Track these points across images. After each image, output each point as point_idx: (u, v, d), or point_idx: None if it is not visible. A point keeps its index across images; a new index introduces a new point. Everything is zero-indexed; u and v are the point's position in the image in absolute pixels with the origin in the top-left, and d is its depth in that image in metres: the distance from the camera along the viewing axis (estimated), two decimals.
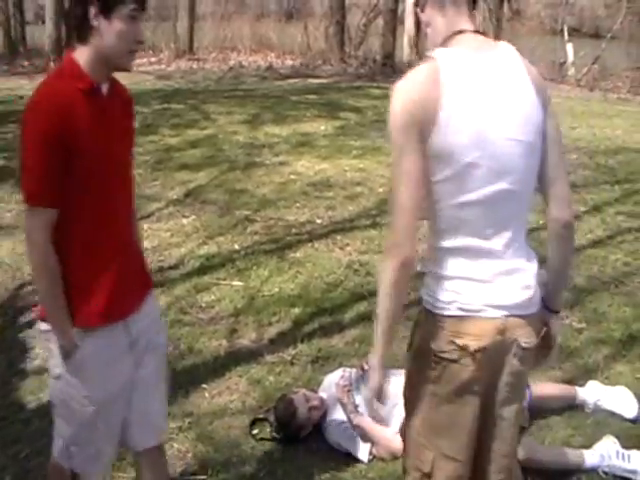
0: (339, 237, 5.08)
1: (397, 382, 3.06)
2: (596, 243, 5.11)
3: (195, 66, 15.39)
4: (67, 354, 1.99)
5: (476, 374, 1.71)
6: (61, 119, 1.84)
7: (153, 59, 16.03)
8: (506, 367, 1.76)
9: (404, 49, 15.98)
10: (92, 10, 1.85)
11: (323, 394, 3.11)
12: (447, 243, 1.71)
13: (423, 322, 1.80)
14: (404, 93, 1.64)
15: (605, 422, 3.12)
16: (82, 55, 1.92)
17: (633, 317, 4.13)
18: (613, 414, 3.17)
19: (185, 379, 3.37)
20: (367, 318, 3.96)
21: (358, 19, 18.03)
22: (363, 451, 2.89)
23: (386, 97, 1.73)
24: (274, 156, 7.29)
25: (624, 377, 3.49)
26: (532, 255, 1.80)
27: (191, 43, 17.41)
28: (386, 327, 1.73)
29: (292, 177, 6.56)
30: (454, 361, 1.71)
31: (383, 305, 1.71)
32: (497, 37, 15.86)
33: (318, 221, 5.44)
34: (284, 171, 6.74)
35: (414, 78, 1.65)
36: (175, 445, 2.98)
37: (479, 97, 1.64)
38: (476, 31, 1.72)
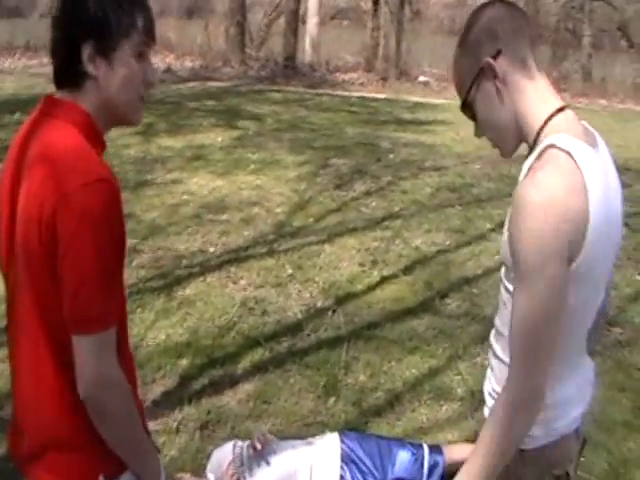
0: (233, 269, 4.68)
1: (299, 455, 2.73)
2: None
3: None
4: None
5: None
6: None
7: (45, 60, 15.07)
8: None
9: (306, 50, 15.73)
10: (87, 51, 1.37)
11: (211, 476, 2.71)
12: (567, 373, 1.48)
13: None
14: (556, 209, 1.27)
15: None
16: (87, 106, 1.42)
17: None
18: None
19: None
20: (262, 368, 3.59)
21: (260, 18, 17.65)
22: None
23: (286, 102, 1.35)
24: (167, 173, 6.81)
25: None
26: None
27: None
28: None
29: (185, 197, 6.10)
30: None
31: (497, 461, 1.40)
32: (399, 38, 15.81)
33: (211, 250, 5.02)
34: (177, 190, 6.28)
35: (563, 187, 1.28)
36: None
37: (607, 204, 1.35)
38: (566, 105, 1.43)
